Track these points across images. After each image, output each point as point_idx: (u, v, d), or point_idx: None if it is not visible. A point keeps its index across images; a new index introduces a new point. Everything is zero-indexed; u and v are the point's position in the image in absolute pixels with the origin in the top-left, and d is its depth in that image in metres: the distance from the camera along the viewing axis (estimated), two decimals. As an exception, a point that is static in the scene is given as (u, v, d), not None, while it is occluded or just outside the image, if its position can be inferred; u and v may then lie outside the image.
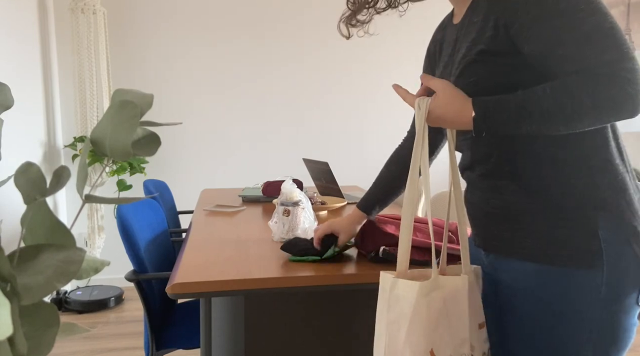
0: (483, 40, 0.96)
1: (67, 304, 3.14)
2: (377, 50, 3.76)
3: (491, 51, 0.96)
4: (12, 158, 2.65)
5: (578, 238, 0.94)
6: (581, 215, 0.94)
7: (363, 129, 3.84)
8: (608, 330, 0.94)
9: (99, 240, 3.37)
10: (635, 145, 3.88)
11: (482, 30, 0.97)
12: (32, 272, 0.42)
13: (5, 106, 0.51)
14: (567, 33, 0.86)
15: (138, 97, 0.52)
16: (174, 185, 3.61)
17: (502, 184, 1.02)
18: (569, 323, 0.95)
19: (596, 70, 0.85)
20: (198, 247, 1.53)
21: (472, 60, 0.99)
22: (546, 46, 0.89)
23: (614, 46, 0.84)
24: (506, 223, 1.02)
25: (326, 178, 2.39)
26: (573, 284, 0.94)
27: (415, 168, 1.01)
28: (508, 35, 0.93)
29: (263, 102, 3.69)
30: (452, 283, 0.98)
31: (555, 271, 0.95)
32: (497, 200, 1.03)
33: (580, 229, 0.94)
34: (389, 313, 0.97)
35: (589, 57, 0.85)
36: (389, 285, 0.98)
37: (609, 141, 0.96)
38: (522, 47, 0.92)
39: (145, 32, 3.50)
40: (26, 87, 2.91)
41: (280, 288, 1.25)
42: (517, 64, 0.94)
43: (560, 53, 0.87)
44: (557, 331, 0.96)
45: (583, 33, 0.85)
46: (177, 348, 1.76)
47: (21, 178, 0.46)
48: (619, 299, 0.93)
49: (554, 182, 0.96)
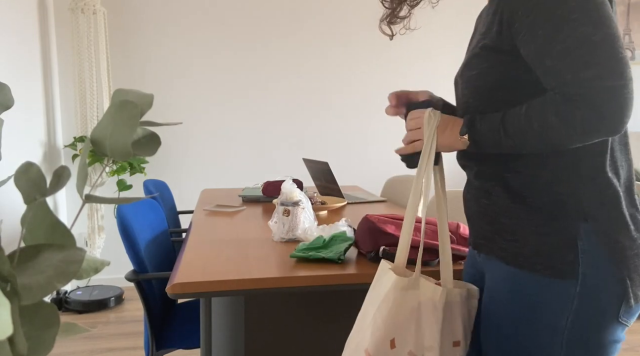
0: (489, 35, 0.96)
1: (67, 304, 3.14)
2: (378, 51, 3.76)
3: (493, 47, 0.95)
4: (12, 158, 2.65)
5: (555, 247, 0.91)
6: (562, 224, 0.92)
7: (363, 129, 3.84)
8: (580, 345, 0.91)
9: (99, 240, 3.37)
10: (635, 145, 3.88)
11: (490, 24, 0.97)
12: (32, 272, 0.42)
13: (5, 106, 0.51)
14: (554, 44, 0.84)
15: (138, 97, 0.52)
16: (174, 185, 3.61)
17: (491, 185, 1.02)
18: (539, 332, 0.93)
19: (571, 88, 0.82)
20: (198, 247, 1.53)
21: (477, 54, 0.99)
22: (535, 54, 0.88)
23: (598, 62, 0.80)
24: (491, 224, 1.02)
25: (326, 178, 2.39)
26: (546, 293, 0.92)
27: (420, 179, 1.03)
28: (510, 33, 0.92)
29: (263, 102, 3.69)
30: (431, 290, 1.00)
31: (530, 277, 0.93)
32: (485, 200, 1.03)
33: (559, 237, 0.91)
34: (371, 293, 1.05)
35: (568, 73, 0.83)
36: (383, 271, 1.05)
37: (605, 153, 0.92)
38: (520, 49, 0.92)
39: (145, 32, 3.50)
40: (26, 87, 2.91)
41: (280, 288, 1.25)
42: (517, 64, 0.93)
43: (546, 64, 0.86)
44: (528, 338, 0.94)
45: (567, 46, 0.82)
46: (177, 348, 1.76)
47: (21, 178, 0.46)
48: (593, 313, 0.90)
49: (539, 187, 0.94)
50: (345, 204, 2.27)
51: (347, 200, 2.36)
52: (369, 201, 2.42)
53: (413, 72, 3.81)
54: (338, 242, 1.44)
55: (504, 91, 0.96)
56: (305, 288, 1.26)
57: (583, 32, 0.82)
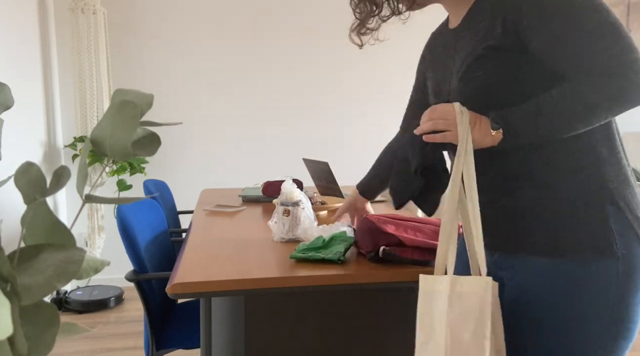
0: (493, 37, 0.99)
1: (67, 304, 3.14)
2: (378, 51, 3.76)
3: (500, 47, 0.99)
4: (12, 158, 2.65)
5: (591, 230, 0.95)
6: (593, 209, 0.96)
7: (363, 129, 3.84)
8: (622, 321, 0.95)
9: (99, 240, 3.37)
10: (635, 145, 3.88)
11: (490, 29, 1.00)
12: (32, 272, 0.42)
13: (5, 106, 0.51)
14: (572, 31, 0.90)
15: (138, 97, 0.52)
16: (174, 185, 3.61)
17: (516, 183, 1.03)
18: (586, 315, 0.95)
19: (602, 66, 0.89)
20: (198, 247, 1.53)
21: (480, 56, 1.01)
22: (551, 44, 0.93)
23: (617, 40, 0.88)
24: (517, 222, 1.02)
25: (326, 178, 2.38)
26: (592, 275, 0.95)
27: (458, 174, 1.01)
28: (516, 33, 0.96)
29: (263, 101, 3.69)
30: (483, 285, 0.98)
31: (571, 264, 0.96)
32: (508, 200, 1.04)
33: (592, 221, 0.95)
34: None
35: (595, 53, 0.89)
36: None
37: (614, 134, 1.00)
38: (529, 44, 0.96)
39: (145, 32, 3.50)
40: (26, 87, 2.91)
41: (280, 288, 1.25)
42: (524, 60, 0.97)
43: (567, 50, 0.91)
44: (573, 323, 0.96)
45: (587, 30, 0.89)
46: (177, 348, 1.76)
47: (21, 178, 0.46)
48: (632, 290, 0.95)
49: (567, 175, 0.98)
50: (345, 204, 2.26)
51: (347, 200, 2.35)
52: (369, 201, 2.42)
53: (414, 71, 3.80)
54: (338, 242, 1.44)
55: (508, 88, 0.99)
56: (305, 288, 1.26)
57: (596, 17, 0.90)
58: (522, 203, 1.02)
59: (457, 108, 1.01)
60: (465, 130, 1.00)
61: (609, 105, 0.89)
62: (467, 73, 1.03)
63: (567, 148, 0.98)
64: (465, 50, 1.05)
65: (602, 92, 0.89)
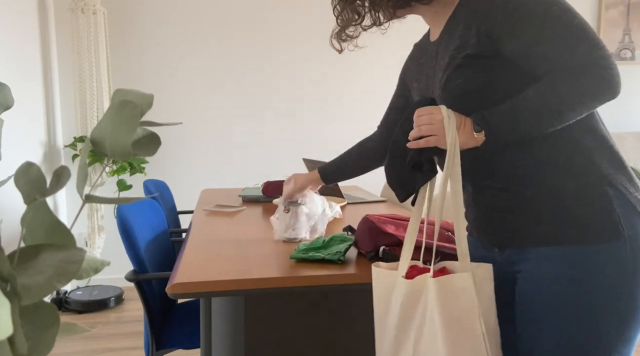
0: (469, 46, 1.04)
1: (67, 304, 3.14)
2: (380, 51, 3.76)
3: (477, 54, 1.03)
4: (12, 158, 2.65)
5: (597, 214, 0.97)
6: (594, 193, 0.98)
7: (363, 129, 3.84)
8: (634, 303, 0.97)
9: (99, 240, 3.37)
10: (635, 145, 3.87)
11: (465, 38, 1.05)
12: (32, 272, 0.42)
13: (5, 106, 0.51)
14: (543, 33, 0.96)
15: (138, 97, 0.52)
16: (174, 185, 3.61)
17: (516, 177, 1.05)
18: (600, 299, 0.97)
19: (572, 63, 0.94)
20: (198, 247, 1.53)
21: (459, 64, 1.05)
22: (525, 46, 0.98)
23: (585, 39, 0.94)
24: (520, 215, 1.04)
25: (326, 178, 2.38)
26: (603, 258, 0.97)
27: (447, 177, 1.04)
28: (491, 40, 1.01)
29: (263, 101, 3.69)
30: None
31: (582, 250, 0.98)
32: (507, 195, 1.06)
33: (597, 206, 0.98)
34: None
35: (565, 53, 0.94)
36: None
37: (598, 125, 1.03)
38: (504, 49, 1.00)
39: (145, 32, 3.50)
40: (26, 87, 2.91)
41: (280, 288, 1.25)
42: (501, 65, 1.02)
43: (539, 51, 0.96)
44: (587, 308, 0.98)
45: (557, 31, 0.95)
46: (177, 348, 1.76)
47: (21, 178, 0.46)
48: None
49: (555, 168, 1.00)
50: (345, 204, 2.27)
51: (347, 200, 2.36)
52: (369, 201, 2.42)
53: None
54: (338, 242, 1.44)
55: (488, 91, 1.03)
56: (305, 288, 1.26)
57: (565, 18, 0.95)
58: (523, 200, 1.04)
59: (445, 113, 1.03)
60: (454, 137, 1.02)
61: (582, 100, 0.94)
62: (448, 82, 1.07)
63: (553, 144, 1.01)
64: (445, 59, 1.09)
65: (575, 88, 0.93)
